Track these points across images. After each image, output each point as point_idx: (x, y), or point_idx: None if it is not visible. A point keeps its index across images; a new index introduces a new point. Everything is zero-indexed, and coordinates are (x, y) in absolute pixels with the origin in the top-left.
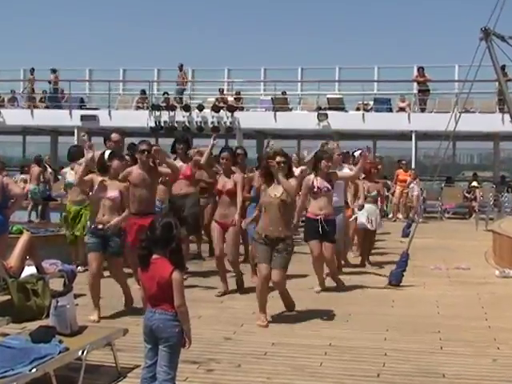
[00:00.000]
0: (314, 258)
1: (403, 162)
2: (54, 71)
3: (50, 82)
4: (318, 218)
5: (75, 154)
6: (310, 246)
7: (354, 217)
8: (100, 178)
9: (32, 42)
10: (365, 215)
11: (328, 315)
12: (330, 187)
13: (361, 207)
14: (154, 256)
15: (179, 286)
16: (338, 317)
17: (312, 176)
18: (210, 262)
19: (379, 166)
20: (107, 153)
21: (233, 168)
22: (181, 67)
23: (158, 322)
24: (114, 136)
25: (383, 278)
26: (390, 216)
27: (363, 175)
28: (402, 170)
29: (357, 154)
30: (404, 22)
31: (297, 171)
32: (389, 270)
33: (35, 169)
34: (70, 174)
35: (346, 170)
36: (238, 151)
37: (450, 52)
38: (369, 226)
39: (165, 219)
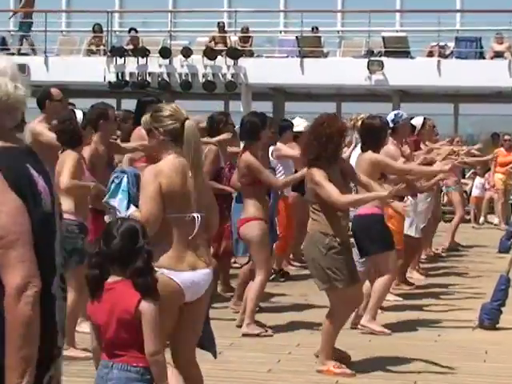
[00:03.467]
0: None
1: (506, 137)
2: None
3: None
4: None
5: None
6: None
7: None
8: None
9: None
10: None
11: (387, 376)
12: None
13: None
14: (111, 279)
15: (152, 324)
16: (403, 377)
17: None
18: None
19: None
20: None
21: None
22: None
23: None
24: (55, 92)
25: (468, 315)
26: (470, 217)
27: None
28: (502, 150)
29: (417, 121)
30: None
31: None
32: (476, 304)
33: None
34: None
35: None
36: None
37: None
38: (409, 232)
39: (126, 222)
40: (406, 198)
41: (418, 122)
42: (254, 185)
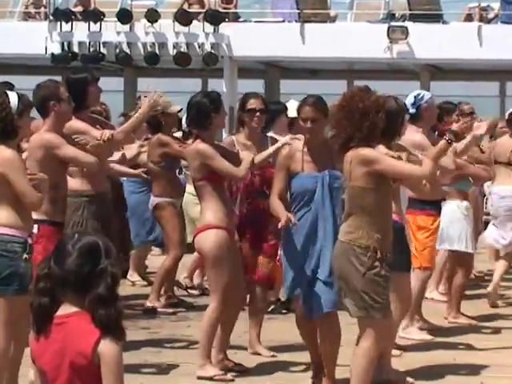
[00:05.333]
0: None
1: None
2: None
3: None
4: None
5: None
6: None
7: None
8: None
9: None
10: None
11: None
12: None
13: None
14: (63, 310)
15: (115, 371)
16: None
17: None
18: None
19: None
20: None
21: None
22: None
23: None
24: None
25: None
26: None
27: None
28: None
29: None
30: None
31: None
32: None
33: None
34: None
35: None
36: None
37: None
38: (459, 247)
39: (85, 237)
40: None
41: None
42: (211, 181)
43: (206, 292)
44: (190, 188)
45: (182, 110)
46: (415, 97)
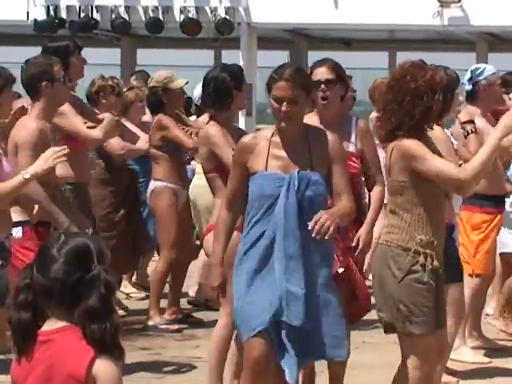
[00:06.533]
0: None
1: None
2: None
3: None
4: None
5: None
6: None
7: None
8: None
9: None
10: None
11: None
12: None
13: None
14: (49, 325)
15: None
16: None
17: None
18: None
19: None
20: None
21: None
22: None
23: None
24: None
25: None
26: None
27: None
28: None
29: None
30: None
31: None
32: None
33: None
34: None
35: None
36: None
37: None
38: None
39: (73, 238)
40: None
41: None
42: (222, 173)
43: (211, 305)
44: (200, 179)
45: (187, 83)
46: (472, 71)
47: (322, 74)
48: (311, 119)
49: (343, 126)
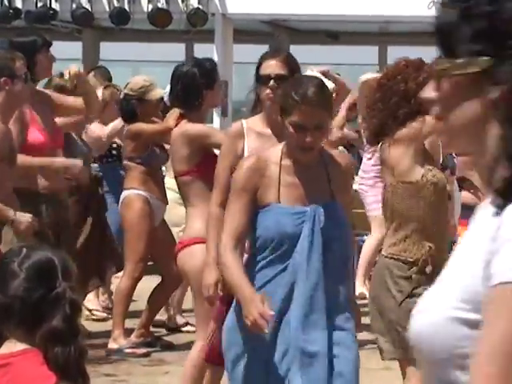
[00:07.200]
0: None
1: None
2: None
3: None
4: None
5: None
6: None
7: None
8: None
9: None
10: None
11: None
12: None
13: None
14: (7, 347)
15: None
16: None
17: None
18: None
19: None
20: None
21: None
22: None
23: None
24: None
25: None
26: None
27: None
28: None
29: None
30: None
31: None
32: None
33: None
34: None
35: None
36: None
37: None
38: None
39: (34, 252)
40: None
41: None
42: (201, 175)
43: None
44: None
45: (163, 99)
46: None
47: (272, 67)
48: (256, 124)
49: None
